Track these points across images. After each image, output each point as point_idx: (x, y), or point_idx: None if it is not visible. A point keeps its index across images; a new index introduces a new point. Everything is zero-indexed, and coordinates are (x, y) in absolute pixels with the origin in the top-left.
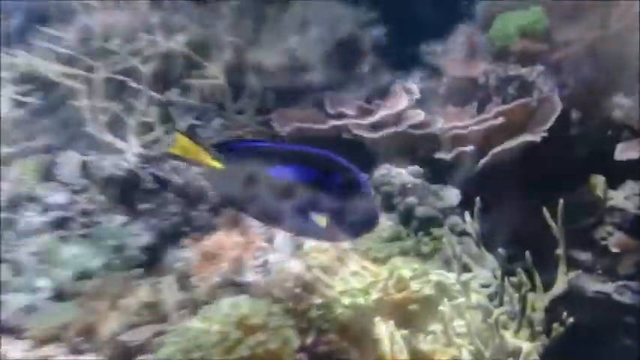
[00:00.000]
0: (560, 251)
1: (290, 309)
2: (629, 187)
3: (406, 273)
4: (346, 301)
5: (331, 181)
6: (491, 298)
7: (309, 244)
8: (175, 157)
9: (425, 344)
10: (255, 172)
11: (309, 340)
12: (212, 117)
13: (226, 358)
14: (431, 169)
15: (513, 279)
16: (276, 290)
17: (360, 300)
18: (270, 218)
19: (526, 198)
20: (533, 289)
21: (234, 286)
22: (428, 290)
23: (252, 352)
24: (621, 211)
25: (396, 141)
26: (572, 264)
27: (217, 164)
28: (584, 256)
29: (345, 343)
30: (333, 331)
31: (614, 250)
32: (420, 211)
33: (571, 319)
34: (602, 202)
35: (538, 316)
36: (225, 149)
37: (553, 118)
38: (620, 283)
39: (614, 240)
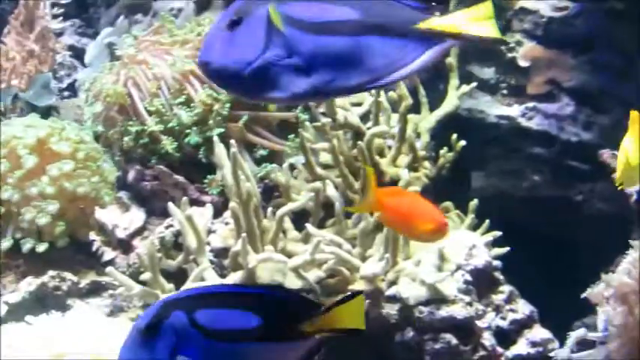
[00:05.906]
0: (451, 59)
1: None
2: None
3: None
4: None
5: None
6: (363, 118)
7: None
8: None
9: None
10: None
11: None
12: None
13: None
14: None
15: (392, 93)
16: None
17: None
18: None
19: None
20: (417, 107)
21: None
22: None
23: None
24: (534, 13)
25: None
26: (470, 80)
27: None
28: (486, 72)
29: None
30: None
31: (523, 63)
32: None
33: (462, 142)
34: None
35: (423, 140)
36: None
37: None
38: (529, 104)
39: (523, 51)
